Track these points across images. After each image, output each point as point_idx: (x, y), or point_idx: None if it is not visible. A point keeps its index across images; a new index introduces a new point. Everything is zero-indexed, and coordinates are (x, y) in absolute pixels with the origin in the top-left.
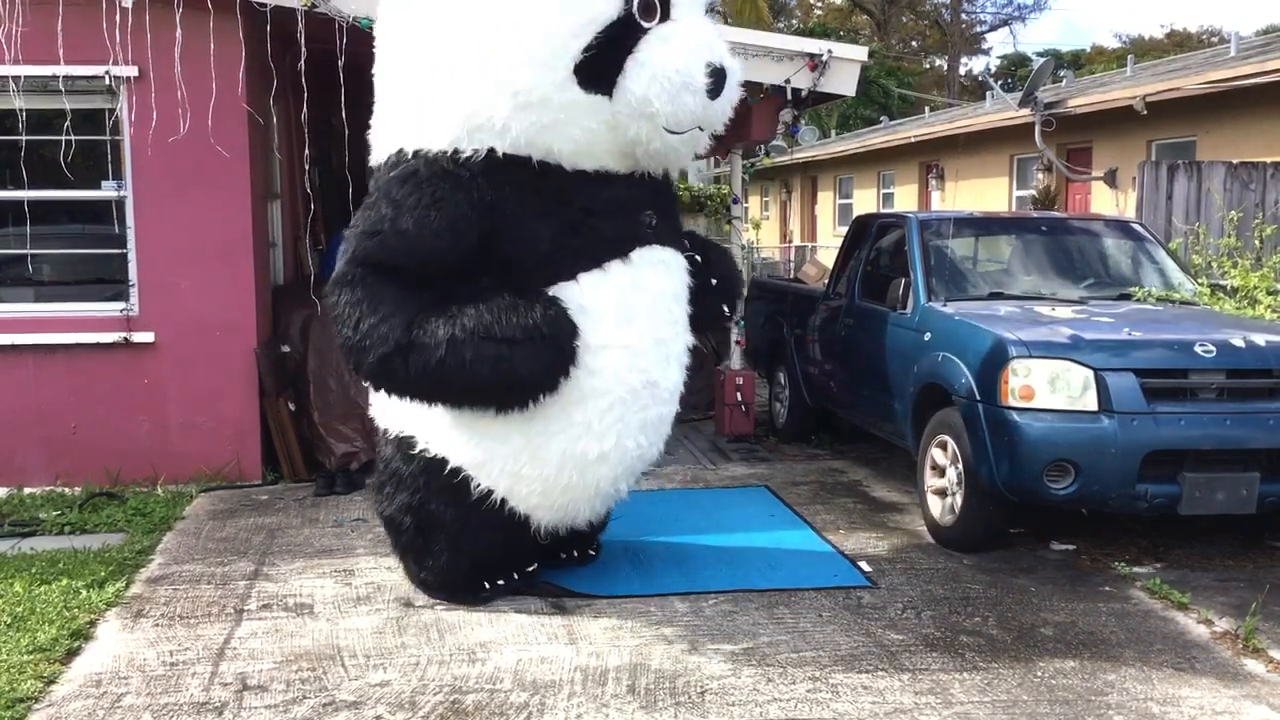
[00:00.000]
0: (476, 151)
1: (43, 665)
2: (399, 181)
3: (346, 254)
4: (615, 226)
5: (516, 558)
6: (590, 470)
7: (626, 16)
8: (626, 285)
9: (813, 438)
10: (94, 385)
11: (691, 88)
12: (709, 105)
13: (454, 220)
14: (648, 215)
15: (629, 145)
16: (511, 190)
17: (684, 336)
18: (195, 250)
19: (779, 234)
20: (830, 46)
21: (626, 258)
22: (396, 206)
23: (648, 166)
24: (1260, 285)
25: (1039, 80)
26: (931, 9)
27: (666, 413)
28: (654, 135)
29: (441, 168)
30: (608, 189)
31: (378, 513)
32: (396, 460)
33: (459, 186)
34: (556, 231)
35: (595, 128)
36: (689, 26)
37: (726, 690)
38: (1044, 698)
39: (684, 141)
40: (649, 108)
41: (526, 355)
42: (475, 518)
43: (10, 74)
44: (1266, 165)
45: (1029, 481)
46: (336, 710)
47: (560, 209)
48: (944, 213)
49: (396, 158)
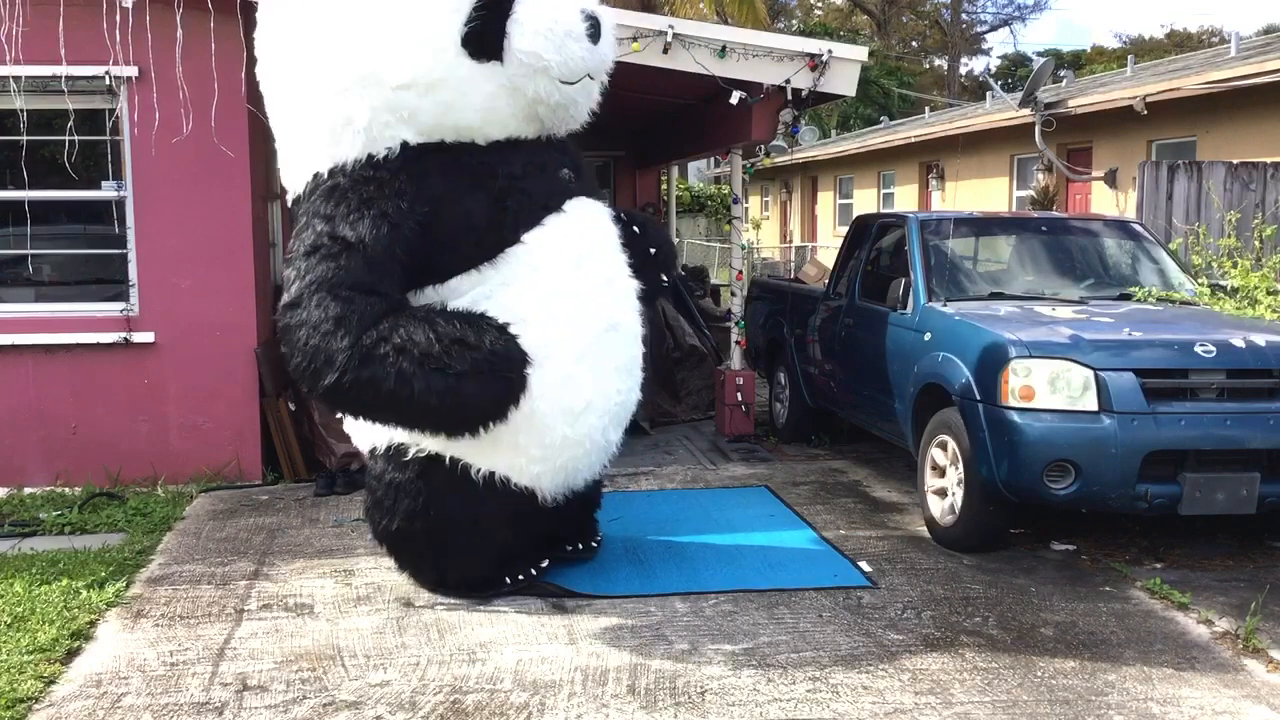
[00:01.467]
0: (390, 149)
1: (43, 665)
2: (323, 198)
3: (294, 279)
4: (540, 186)
5: (531, 543)
6: (581, 421)
7: None
8: (566, 233)
9: (813, 438)
10: (94, 385)
11: (574, 34)
12: (594, 50)
13: (389, 215)
14: (565, 172)
15: (531, 105)
16: (435, 175)
17: (630, 280)
18: (195, 250)
19: (779, 234)
20: (830, 46)
21: (560, 210)
22: (328, 220)
23: (552, 126)
24: (1260, 285)
25: (1039, 80)
26: (931, 9)
27: (636, 354)
28: (552, 89)
29: (361, 175)
30: (522, 154)
31: (378, 533)
32: (391, 472)
33: (383, 185)
34: (487, 202)
35: (495, 92)
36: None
37: (726, 690)
38: (1044, 698)
39: (579, 91)
40: (540, 61)
41: (475, 388)
42: (484, 504)
43: (11, 74)
44: (1266, 165)
45: (1029, 481)
46: (336, 710)
47: (485, 180)
48: (944, 213)
49: (314, 182)
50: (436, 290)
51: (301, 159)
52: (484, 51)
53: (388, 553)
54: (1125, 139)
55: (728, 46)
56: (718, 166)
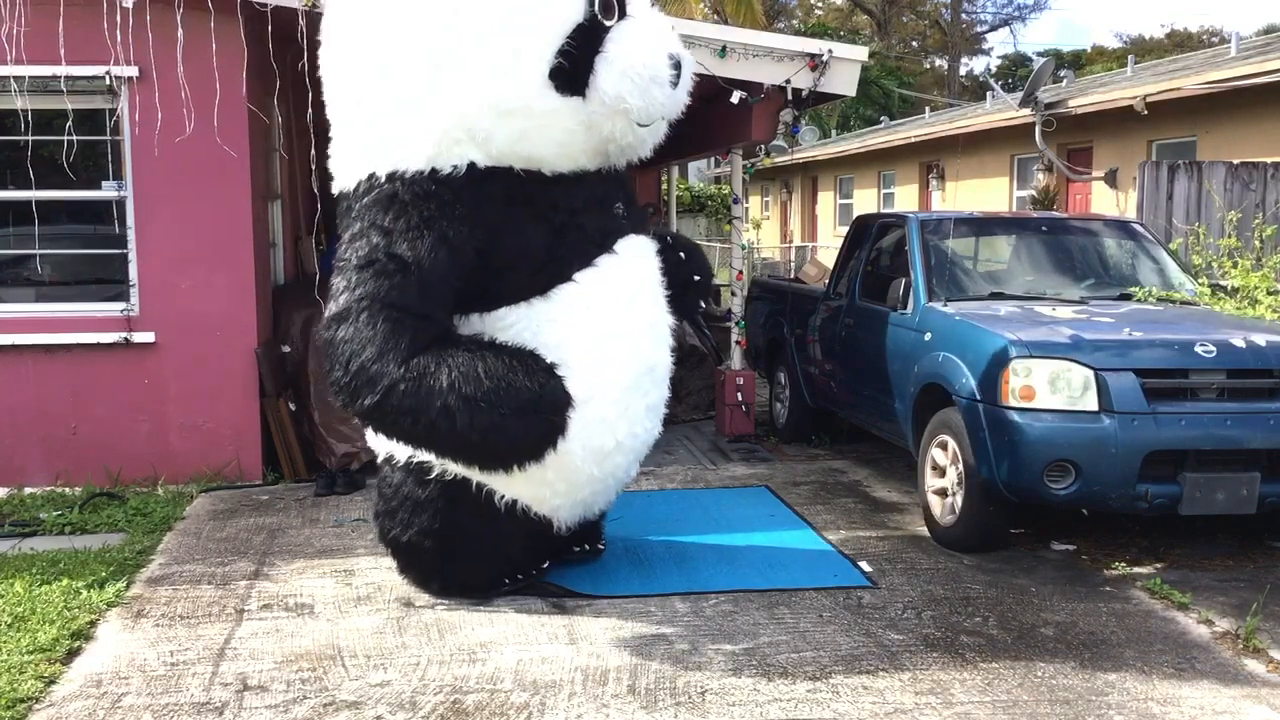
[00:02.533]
0: (456, 168)
1: (43, 665)
2: (381, 208)
3: (346, 289)
4: (596, 222)
5: (534, 558)
6: (608, 460)
7: (591, 19)
8: (618, 276)
9: (813, 438)
10: (94, 385)
11: (659, 80)
12: (672, 95)
13: (449, 239)
14: (618, 207)
15: (603, 143)
16: (498, 201)
17: (667, 318)
18: (196, 250)
19: (779, 234)
20: (830, 46)
21: (612, 250)
22: (387, 234)
23: (616, 161)
24: (1260, 285)
25: (1039, 80)
26: (931, 9)
27: (665, 394)
28: (627, 130)
29: (423, 189)
30: (584, 187)
31: (387, 539)
32: (409, 485)
33: (445, 205)
34: (547, 235)
35: (573, 127)
36: (648, 23)
37: (727, 690)
38: (1044, 698)
39: (650, 133)
40: (622, 103)
41: (519, 428)
42: (501, 527)
43: (12, 74)
44: (1266, 165)
45: (1029, 481)
46: (337, 710)
47: (547, 213)
48: (944, 213)
49: (369, 183)
50: (482, 319)
51: (359, 155)
52: (569, 86)
53: (393, 559)
54: (1125, 139)
55: (728, 46)
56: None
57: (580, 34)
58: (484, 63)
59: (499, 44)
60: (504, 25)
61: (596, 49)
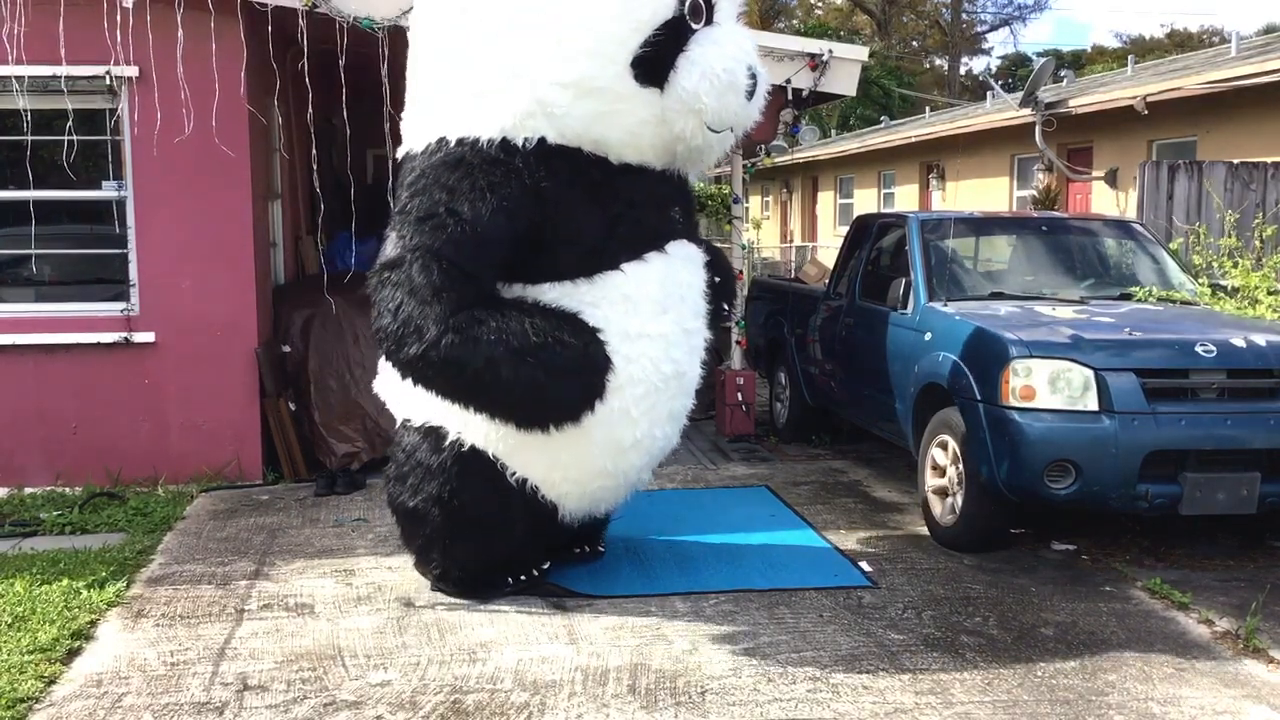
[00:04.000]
0: (528, 140)
1: (43, 665)
2: (449, 168)
3: (400, 239)
4: (653, 219)
5: (538, 550)
6: (624, 457)
7: (679, 17)
8: (663, 276)
9: (813, 438)
10: (94, 385)
11: (736, 87)
12: (746, 106)
13: (508, 205)
14: (676, 210)
15: (673, 140)
16: (561, 178)
17: (705, 330)
18: (196, 250)
19: (779, 234)
20: (830, 46)
21: (663, 250)
22: (450, 192)
23: (682, 164)
24: (1260, 285)
25: (1039, 80)
26: (931, 9)
27: (687, 405)
28: (698, 131)
29: (492, 156)
30: (646, 183)
31: (395, 505)
32: (423, 450)
33: (511, 172)
34: (602, 221)
35: (647, 118)
36: (733, 31)
37: (727, 690)
38: (1044, 698)
39: (720, 140)
40: (698, 103)
41: (560, 387)
42: (510, 507)
43: (12, 74)
44: (1267, 165)
45: (1030, 481)
46: (337, 710)
47: (606, 199)
48: (944, 213)
49: (438, 145)
50: (525, 290)
51: (433, 119)
52: (650, 77)
53: (398, 525)
54: (1126, 139)
55: None
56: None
57: (668, 29)
58: (574, 39)
59: (592, 27)
60: (600, 11)
61: (681, 47)
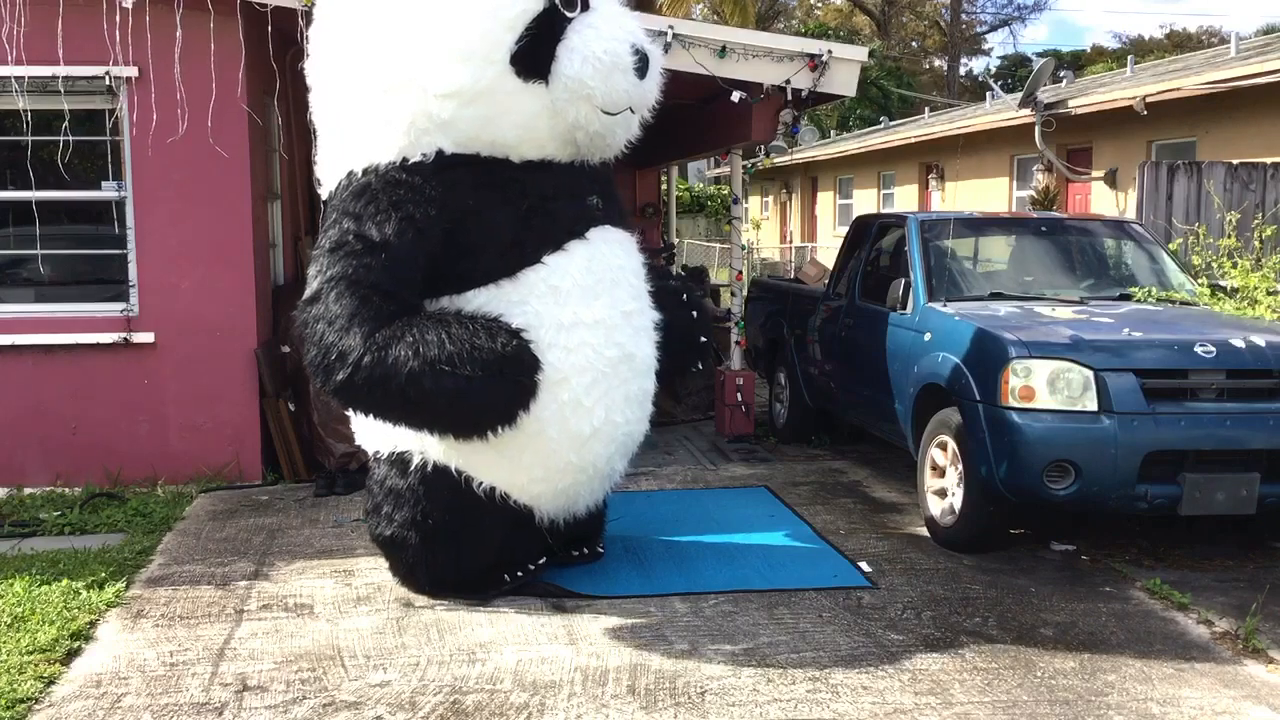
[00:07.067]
0: (425, 155)
1: (43, 666)
2: (353, 197)
3: (318, 273)
4: (567, 209)
5: (527, 552)
6: (587, 447)
7: (551, 8)
8: (588, 263)
9: (813, 438)
10: (94, 385)
11: (621, 67)
12: (638, 85)
13: (415, 221)
14: (593, 199)
15: (570, 130)
16: (465, 186)
17: (650, 311)
18: (195, 251)
19: (779, 234)
20: (830, 47)
21: (583, 237)
22: (356, 219)
23: (588, 152)
24: (1260, 285)
25: (1039, 81)
26: (931, 9)
27: (647, 386)
28: (592, 117)
29: (393, 177)
30: (554, 176)
31: (375, 537)
32: (392, 478)
33: (413, 189)
34: (514, 219)
35: (538, 111)
36: (612, 13)
37: (726, 690)
38: (1044, 698)
39: (619, 123)
40: (584, 89)
41: (486, 390)
42: (482, 517)
43: (12, 74)
44: (1266, 165)
45: (1029, 482)
46: (336, 710)
47: (515, 198)
48: (944, 213)
49: (347, 180)
50: (452, 301)
51: (339, 157)
52: (531, 71)
53: (385, 558)
54: (1125, 139)
55: (727, 47)
56: (718, 167)
57: (541, 21)
58: (447, 50)
59: (462, 31)
60: (466, 15)
61: (559, 37)
